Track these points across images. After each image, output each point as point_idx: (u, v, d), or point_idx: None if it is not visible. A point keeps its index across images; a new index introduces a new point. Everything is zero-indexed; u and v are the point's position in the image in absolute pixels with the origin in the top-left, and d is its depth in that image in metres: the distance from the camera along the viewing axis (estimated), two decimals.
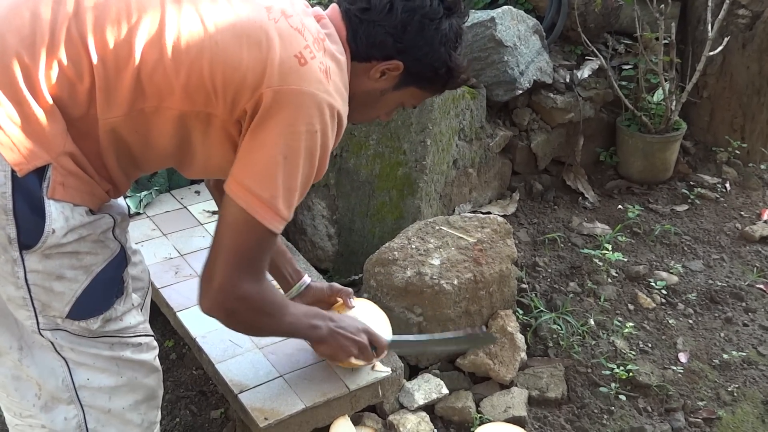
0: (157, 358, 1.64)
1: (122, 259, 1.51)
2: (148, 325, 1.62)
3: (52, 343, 1.46)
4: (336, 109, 1.46)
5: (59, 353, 1.48)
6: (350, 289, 2.09)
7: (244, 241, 1.45)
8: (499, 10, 3.10)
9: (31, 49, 1.33)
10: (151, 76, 1.37)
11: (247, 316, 1.57)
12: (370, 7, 1.55)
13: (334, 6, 1.62)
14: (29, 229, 1.34)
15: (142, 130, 1.43)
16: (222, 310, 1.52)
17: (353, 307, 2.06)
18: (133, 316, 1.56)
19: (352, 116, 1.65)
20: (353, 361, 1.94)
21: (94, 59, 1.35)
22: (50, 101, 1.34)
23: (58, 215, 1.35)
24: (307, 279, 2.06)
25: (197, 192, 2.94)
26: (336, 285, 2.07)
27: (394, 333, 2.16)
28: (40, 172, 1.34)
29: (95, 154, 1.43)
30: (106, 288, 1.48)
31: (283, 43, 1.42)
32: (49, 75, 1.34)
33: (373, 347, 1.93)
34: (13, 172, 1.32)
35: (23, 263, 1.36)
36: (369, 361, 1.96)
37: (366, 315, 2.10)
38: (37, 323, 1.43)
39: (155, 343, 1.64)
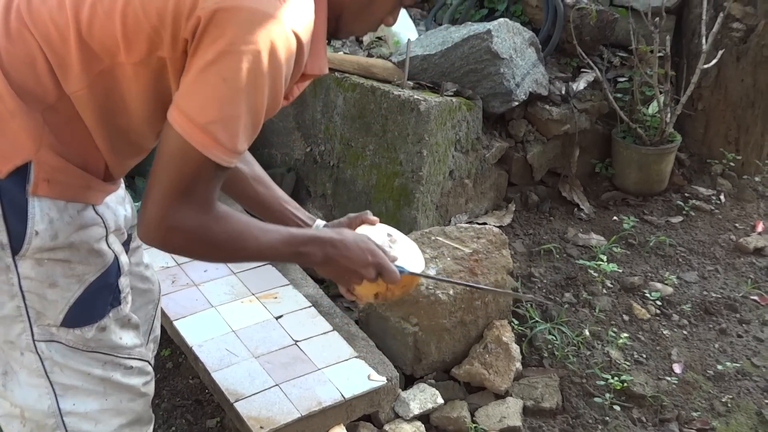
0: (148, 384, 1.59)
1: (116, 268, 1.48)
2: (144, 350, 1.58)
3: (42, 362, 1.42)
4: (287, 26, 1.28)
5: (48, 376, 1.44)
6: (367, 211, 1.80)
7: (180, 169, 1.30)
8: (495, 22, 3.12)
9: None
10: (91, 33, 1.29)
11: (185, 247, 1.40)
12: None
13: None
14: (17, 232, 1.32)
15: (114, 94, 1.35)
16: (156, 240, 1.36)
17: (376, 221, 1.76)
18: (131, 338, 1.53)
19: (353, 28, 1.51)
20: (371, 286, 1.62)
21: (38, 36, 1.30)
22: (15, 94, 1.30)
23: (41, 217, 1.33)
24: (321, 222, 1.78)
25: None
26: (351, 214, 1.79)
27: (390, 342, 2.16)
28: (24, 172, 1.31)
29: (84, 139, 1.38)
30: (99, 296, 1.46)
31: None
32: (6, 69, 1.30)
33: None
34: None
35: (17, 269, 1.35)
36: (395, 281, 1.60)
37: (402, 245, 1.74)
38: (32, 334, 1.40)
39: (149, 369, 1.59)
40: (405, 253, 1.69)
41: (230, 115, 1.27)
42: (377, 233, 1.70)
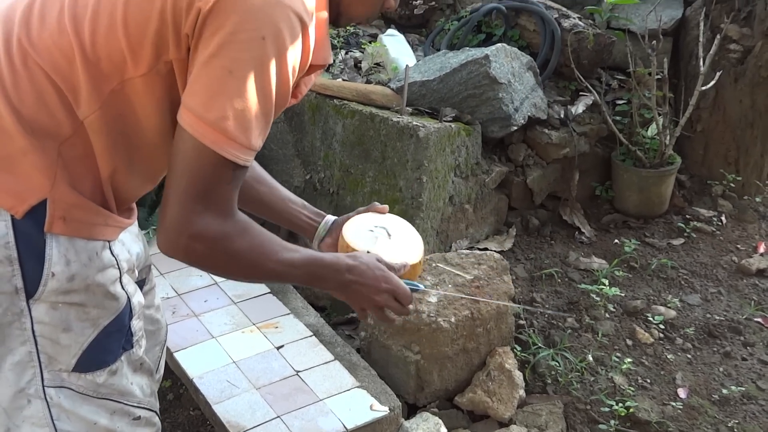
0: None
1: (129, 310, 1.44)
2: (154, 400, 1.55)
3: (49, 409, 1.38)
4: (290, 8, 1.25)
5: (54, 424, 1.39)
6: (375, 203, 1.80)
7: (196, 172, 1.26)
8: (493, 47, 3.13)
9: None
10: (95, 50, 1.27)
11: (207, 256, 1.33)
12: None
13: None
14: (33, 275, 1.29)
15: (127, 113, 1.32)
16: (178, 250, 1.30)
17: (386, 209, 1.76)
18: (142, 386, 1.50)
19: (354, 12, 1.48)
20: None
21: (44, 64, 1.27)
22: (26, 132, 1.27)
23: (59, 258, 1.29)
24: (330, 217, 1.77)
25: None
26: (360, 208, 1.79)
27: (392, 371, 2.14)
28: (42, 211, 1.28)
29: (97, 173, 1.34)
30: (112, 340, 1.42)
31: None
32: (15, 105, 1.27)
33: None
34: (13, 218, 1.26)
35: (30, 314, 1.31)
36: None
37: (398, 233, 1.74)
38: (42, 380, 1.36)
39: (156, 420, 1.55)
40: (401, 245, 1.67)
41: (240, 108, 1.24)
42: (368, 223, 1.69)
